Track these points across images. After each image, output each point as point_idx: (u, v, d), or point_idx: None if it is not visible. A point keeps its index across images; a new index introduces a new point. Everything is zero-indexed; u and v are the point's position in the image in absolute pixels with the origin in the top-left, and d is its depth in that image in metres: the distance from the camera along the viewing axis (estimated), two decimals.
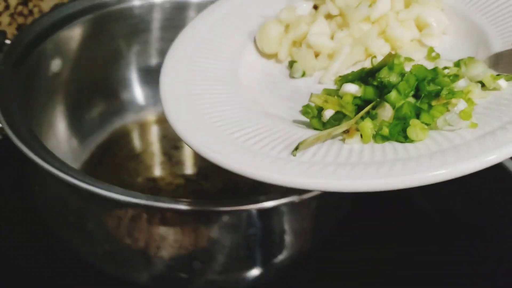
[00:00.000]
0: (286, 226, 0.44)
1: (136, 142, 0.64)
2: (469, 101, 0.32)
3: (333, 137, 0.32)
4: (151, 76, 0.65)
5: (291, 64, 0.41)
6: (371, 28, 0.40)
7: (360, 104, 0.32)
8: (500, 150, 0.28)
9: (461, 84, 0.33)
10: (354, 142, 0.31)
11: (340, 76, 0.36)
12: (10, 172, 0.57)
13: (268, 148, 0.32)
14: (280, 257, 0.45)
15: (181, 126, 0.35)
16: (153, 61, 0.65)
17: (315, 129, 0.34)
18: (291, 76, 0.41)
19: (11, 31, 0.63)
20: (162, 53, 0.64)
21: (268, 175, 0.30)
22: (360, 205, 0.51)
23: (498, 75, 0.33)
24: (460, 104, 0.31)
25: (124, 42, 0.61)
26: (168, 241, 0.41)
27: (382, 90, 0.32)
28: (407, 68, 0.33)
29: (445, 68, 0.35)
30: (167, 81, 0.39)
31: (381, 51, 0.39)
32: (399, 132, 0.31)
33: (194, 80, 0.39)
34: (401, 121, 0.31)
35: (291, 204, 0.40)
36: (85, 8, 0.57)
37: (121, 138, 0.64)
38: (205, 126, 0.34)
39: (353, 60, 0.39)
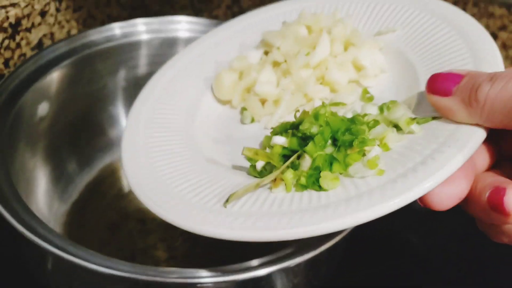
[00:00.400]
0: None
1: (125, 180, 0.63)
2: (384, 146, 0.35)
3: (263, 187, 0.36)
4: None
5: (242, 111, 0.45)
6: (310, 74, 0.43)
7: (288, 154, 0.36)
8: (399, 197, 0.30)
9: (378, 130, 0.35)
10: (279, 191, 0.35)
11: (272, 128, 0.40)
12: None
13: (205, 200, 0.36)
14: None
15: (133, 179, 0.39)
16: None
17: (254, 177, 0.38)
18: (242, 123, 0.45)
19: None
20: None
21: (199, 229, 0.34)
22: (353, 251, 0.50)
23: (414, 118, 0.36)
24: (373, 151, 0.34)
25: (111, 79, 0.60)
26: None
27: (306, 140, 0.35)
28: (342, 113, 0.37)
29: (365, 115, 0.37)
30: (127, 135, 0.43)
31: (319, 96, 0.43)
32: (314, 181, 0.34)
33: (152, 133, 0.43)
34: (316, 171, 0.34)
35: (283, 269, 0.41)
36: (73, 48, 0.58)
37: (110, 176, 0.65)
38: (156, 179, 0.39)
39: (294, 105, 0.43)
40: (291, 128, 0.37)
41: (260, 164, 0.37)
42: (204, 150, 0.42)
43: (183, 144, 0.42)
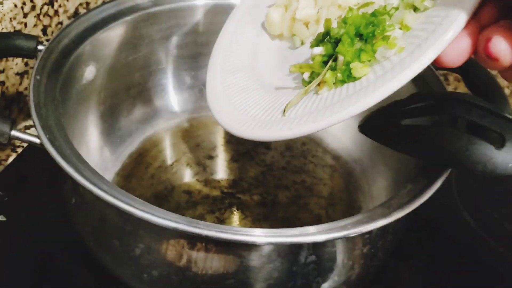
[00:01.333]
0: (339, 258, 0.44)
1: (169, 152, 0.62)
2: (405, 27, 0.38)
3: (311, 92, 0.41)
4: (186, 82, 0.62)
5: (292, 37, 0.50)
6: None
7: (327, 60, 0.41)
8: (416, 63, 0.34)
9: (397, 15, 0.39)
10: (324, 92, 0.40)
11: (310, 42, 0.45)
12: (45, 182, 0.57)
13: (271, 115, 0.41)
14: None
15: (216, 112, 0.45)
16: (189, 66, 0.61)
17: None
18: (294, 47, 0.49)
19: (36, 32, 0.60)
20: (199, 58, 0.62)
21: (265, 135, 0.40)
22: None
23: None
24: (396, 33, 0.38)
25: (160, 46, 0.58)
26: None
27: (338, 44, 0.39)
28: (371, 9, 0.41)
29: (386, 6, 0.40)
30: (209, 79, 0.49)
31: (352, 3, 0.45)
32: (348, 75, 0.39)
33: (226, 72, 0.49)
34: (348, 65, 0.39)
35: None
36: (121, 11, 0.55)
37: (154, 147, 0.63)
38: (234, 108, 0.44)
39: (333, 18, 0.46)
40: (324, 37, 0.42)
41: (306, 75, 0.42)
42: (268, 79, 0.47)
43: (249, 79, 0.48)
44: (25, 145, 0.61)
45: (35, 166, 0.58)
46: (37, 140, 0.42)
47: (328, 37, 0.41)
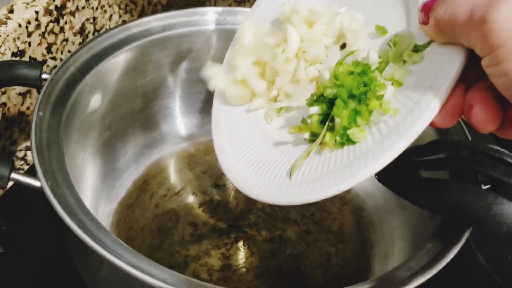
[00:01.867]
0: None
1: (174, 179, 0.60)
2: (397, 83, 0.38)
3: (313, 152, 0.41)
4: (194, 106, 0.60)
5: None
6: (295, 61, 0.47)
7: (323, 119, 0.40)
8: (414, 127, 0.35)
9: (387, 71, 0.38)
10: (326, 152, 0.40)
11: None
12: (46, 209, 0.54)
13: (279, 174, 0.41)
14: None
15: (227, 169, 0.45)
16: (198, 90, 0.59)
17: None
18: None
19: (40, 51, 0.58)
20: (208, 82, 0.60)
21: (277, 200, 0.40)
22: None
23: (414, 49, 0.38)
24: (388, 93, 0.37)
25: (169, 71, 0.56)
26: None
27: (332, 102, 0.39)
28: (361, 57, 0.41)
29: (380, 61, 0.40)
30: (216, 137, 0.48)
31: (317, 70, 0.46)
32: (347, 139, 0.39)
33: (230, 128, 0.48)
34: (345, 130, 0.39)
35: None
36: (130, 36, 0.53)
37: (159, 173, 0.61)
38: (241, 165, 0.44)
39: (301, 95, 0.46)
40: (318, 98, 0.41)
41: (306, 135, 0.42)
42: (270, 131, 0.47)
43: (254, 137, 0.47)
44: (26, 167, 0.60)
45: (36, 192, 0.56)
46: (37, 183, 0.39)
47: (322, 97, 0.41)
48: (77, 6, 0.64)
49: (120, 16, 0.74)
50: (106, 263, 0.39)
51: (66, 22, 0.62)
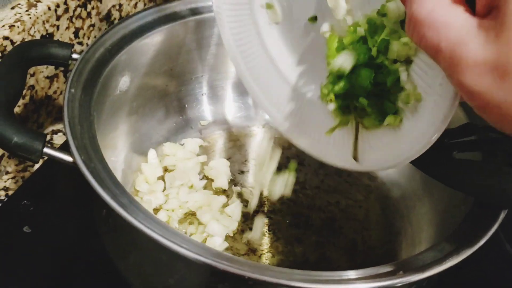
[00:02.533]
0: None
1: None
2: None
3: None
4: (221, 92, 0.60)
5: None
6: None
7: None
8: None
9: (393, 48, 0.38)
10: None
11: None
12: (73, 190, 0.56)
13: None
14: None
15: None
16: (224, 76, 0.59)
17: None
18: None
19: (68, 35, 0.58)
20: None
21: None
22: None
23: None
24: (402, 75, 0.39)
25: (196, 55, 0.56)
26: None
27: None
28: None
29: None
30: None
31: None
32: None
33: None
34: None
35: None
36: (158, 19, 0.53)
37: None
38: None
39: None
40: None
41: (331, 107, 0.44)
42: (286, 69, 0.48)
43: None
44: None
45: (63, 173, 0.56)
46: (70, 159, 0.40)
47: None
48: None
49: (144, 4, 0.74)
50: (137, 238, 0.39)
51: (93, 8, 0.63)
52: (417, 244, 0.53)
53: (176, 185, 0.55)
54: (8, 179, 0.56)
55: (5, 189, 0.55)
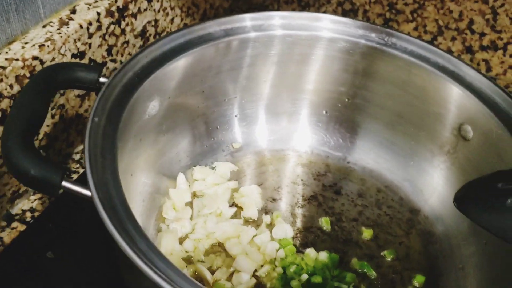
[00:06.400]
0: None
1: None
2: None
3: None
4: (253, 115, 0.57)
5: None
6: None
7: None
8: None
9: None
10: None
11: None
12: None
13: None
14: None
15: None
16: (257, 98, 0.56)
17: None
18: None
19: (100, 53, 0.56)
20: (270, 88, 0.56)
21: None
22: None
23: None
24: None
25: (228, 77, 0.53)
26: None
27: None
28: None
29: None
30: None
31: None
32: None
33: None
34: None
35: None
36: (190, 41, 0.50)
37: None
38: None
39: None
40: None
41: None
42: None
43: None
44: (81, 170, 0.58)
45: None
46: (88, 193, 0.37)
47: None
48: (139, 8, 0.62)
49: (182, 19, 0.72)
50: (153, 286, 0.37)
51: (127, 24, 0.61)
52: None
53: (204, 213, 0.53)
54: (35, 199, 0.55)
55: (32, 210, 0.54)
